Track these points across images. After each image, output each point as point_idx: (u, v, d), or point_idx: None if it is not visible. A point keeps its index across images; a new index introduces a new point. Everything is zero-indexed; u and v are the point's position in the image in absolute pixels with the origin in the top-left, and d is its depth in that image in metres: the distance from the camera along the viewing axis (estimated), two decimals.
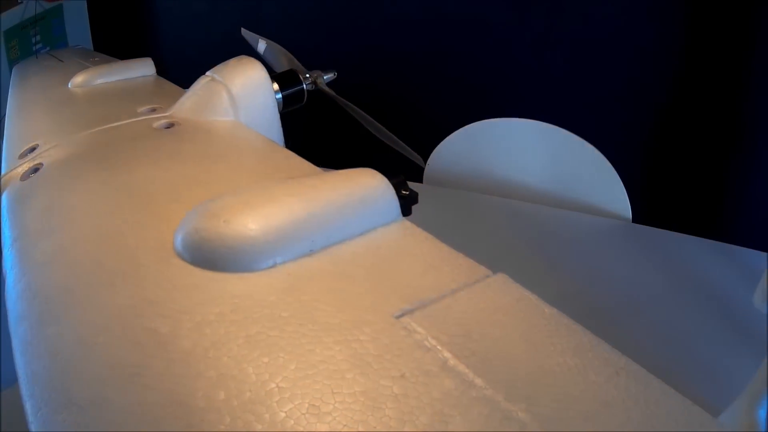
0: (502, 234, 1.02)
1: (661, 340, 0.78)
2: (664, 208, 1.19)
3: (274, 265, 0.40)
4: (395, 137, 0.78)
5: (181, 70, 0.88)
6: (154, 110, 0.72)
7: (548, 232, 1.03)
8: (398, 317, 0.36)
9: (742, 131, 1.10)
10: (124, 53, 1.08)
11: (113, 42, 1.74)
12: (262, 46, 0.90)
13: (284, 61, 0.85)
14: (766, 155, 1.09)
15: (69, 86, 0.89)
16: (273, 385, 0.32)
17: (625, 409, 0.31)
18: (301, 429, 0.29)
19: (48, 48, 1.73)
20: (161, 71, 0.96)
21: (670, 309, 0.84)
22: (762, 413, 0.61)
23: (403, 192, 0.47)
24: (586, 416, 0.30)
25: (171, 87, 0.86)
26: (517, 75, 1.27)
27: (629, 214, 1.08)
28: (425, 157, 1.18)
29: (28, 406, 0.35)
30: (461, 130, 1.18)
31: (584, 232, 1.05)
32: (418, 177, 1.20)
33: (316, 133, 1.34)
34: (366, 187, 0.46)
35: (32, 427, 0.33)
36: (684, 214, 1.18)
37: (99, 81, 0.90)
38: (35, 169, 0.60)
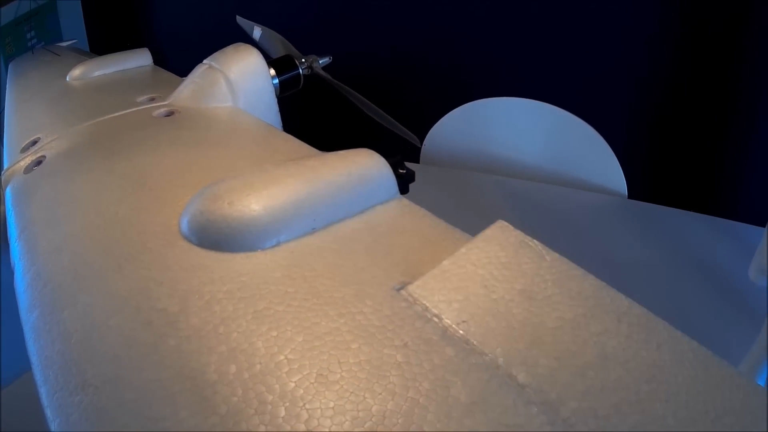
0: (499, 212, 1.01)
1: (657, 314, 0.78)
2: (659, 183, 1.19)
3: (278, 244, 0.42)
4: (391, 118, 0.79)
5: (178, 59, 0.89)
6: (153, 99, 0.72)
7: (544, 209, 1.04)
8: (398, 290, 0.37)
9: (738, 106, 1.10)
10: (119, 45, 1.08)
11: (108, 34, 1.75)
12: (257, 32, 0.91)
13: (280, 46, 0.85)
14: (762, 131, 1.09)
15: (67, 79, 0.90)
16: (282, 357, 0.33)
17: (625, 360, 0.32)
18: (311, 397, 0.31)
19: (42, 43, 1.73)
20: (158, 61, 0.96)
21: (667, 283, 0.85)
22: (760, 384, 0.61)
23: (401, 171, 0.48)
24: (583, 372, 0.31)
25: (168, 76, 0.87)
26: (513, 54, 1.27)
27: (625, 190, 1.09)
28: (422, 138, 1.19)
29: (43, 391, 0.36)
30: (457, 109, 1.19)
31: (580, 208, 1.06)
32: (415, 158, 1.21)
33: (313, 117, 1.34)
34: (364, 166, 0.47)
35: (48, 411, 0.34)
36: (679, 189, 1.18)
37: (97, 73, 0.91)
38: (38, 162, 0.61)
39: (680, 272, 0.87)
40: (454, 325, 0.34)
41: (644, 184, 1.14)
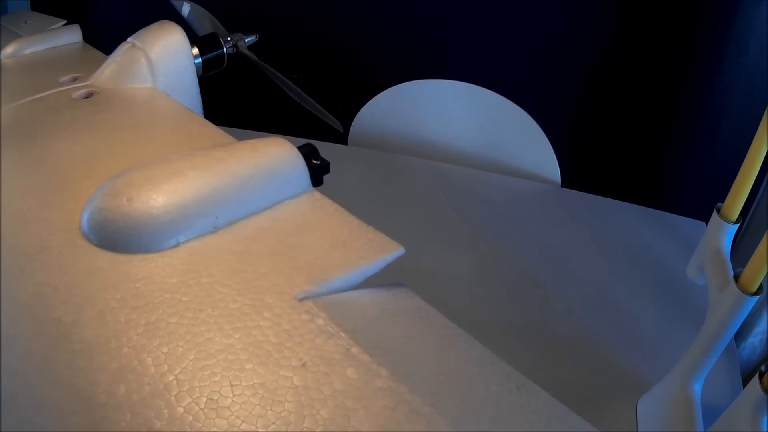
0: (429, 197, 0.94)
1: (590, 306, 0.74)
2: (594, 172, 1.14)
3: (177, 245, 0.36)
4: (314, 102, 0.73)
5: (115, 36, 0.82)
6: (75, 79, 0.66)
7: (476, 195, 0.96)
8: (301, 299, 0.32)
9: (677, 95, 1.03)
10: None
11: (52, 8, 1.64)
12: (186, 9, 0.83)
13: (207, 23, 0.78)
14: (700, 121, 1.04)
15: (1, 57, 0.82)
16: (171, 378, 0.28)
17: (528, 421, 0.28)
18: (200, 425, 0.26)
19: None
20: (95, 37, 0.88)
21: (600, 274, 0.80)
22: (697, 387, 0.56)
23: (314, 161, 0.42)
24: (493, 421, 0.27)
25: (95, 54, 0.79)
26: (446, 36, 1.19)
27: (558, 177, 1.04)
28: (352, 118, 1.12)
29: None
30: (388, 90, 1.11)
31: (513, 195, 0.99)
32: (344, 140, 1.14)
33: (238, 98, 1.26)
34: (274, 157, 0.41)
35: None
36: (612, 179, 1.12)
37: (29, 50, 0.83)
38: None
39: (614, 263, 0.82)
40: (357, 345, 0.29)
41: (578, 173, 1.08)
